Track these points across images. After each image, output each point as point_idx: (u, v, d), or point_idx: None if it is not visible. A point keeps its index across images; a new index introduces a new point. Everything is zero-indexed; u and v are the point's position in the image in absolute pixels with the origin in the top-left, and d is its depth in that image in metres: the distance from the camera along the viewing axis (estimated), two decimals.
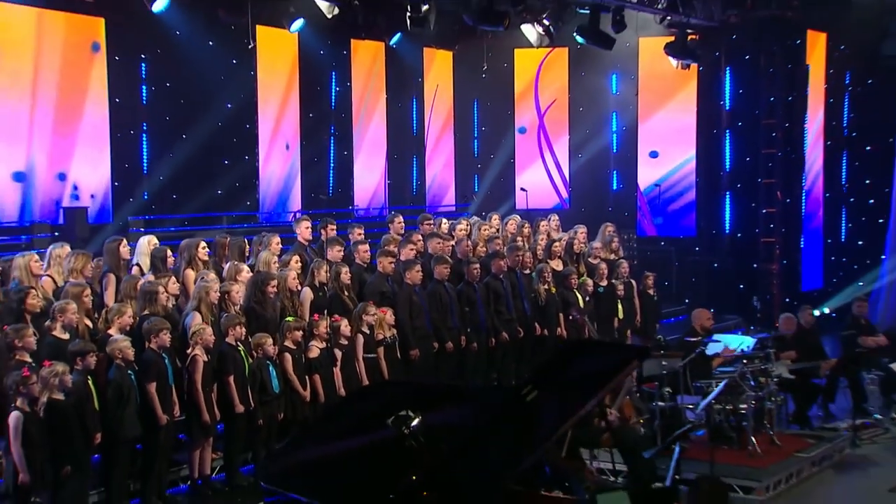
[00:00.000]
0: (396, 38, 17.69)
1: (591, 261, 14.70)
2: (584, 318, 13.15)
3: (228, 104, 17.01)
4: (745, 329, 16.31)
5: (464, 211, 19.71)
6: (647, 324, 14.78)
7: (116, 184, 15.98)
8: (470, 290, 12.75)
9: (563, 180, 21.73)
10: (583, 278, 14.18)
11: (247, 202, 17.46)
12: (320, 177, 19.11)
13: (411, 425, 6.52)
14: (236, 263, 11.07)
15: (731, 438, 11.29)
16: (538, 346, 13.39)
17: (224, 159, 17.21)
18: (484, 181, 21.77)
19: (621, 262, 14.87)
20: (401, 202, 19.91)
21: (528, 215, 16.54)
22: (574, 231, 15.08)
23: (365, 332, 11.14)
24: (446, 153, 21.62)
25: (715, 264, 20.32)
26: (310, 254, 12.24)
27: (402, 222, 13.82)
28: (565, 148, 21.67)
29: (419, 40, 19.10)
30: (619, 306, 14.35)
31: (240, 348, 9.93)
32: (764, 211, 19.78)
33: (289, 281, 11.04)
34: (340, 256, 12.06)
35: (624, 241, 18.81)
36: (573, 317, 13.17)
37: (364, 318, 11.15)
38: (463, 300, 12.64)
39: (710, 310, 13.20)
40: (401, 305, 11.83)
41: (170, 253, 10.93)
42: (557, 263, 14.22)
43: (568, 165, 21.66)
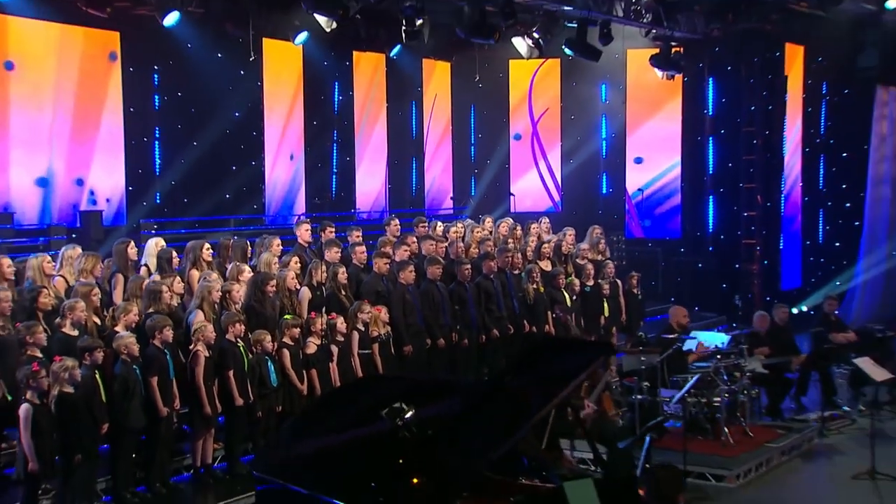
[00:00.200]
0: (396, 49, 17.75)
1: (578, 261, 14.70)
2: (566, 315, 13.22)
3: (236, 112, 17.10)
4: (728, 326, 16.44)
5: (461, 213, 19.76)
6: (631, 321, 14.79)
7: (130, 188, 16.07)
8: (461, 289, 12.80)
9: (555, 185, 21.77)
10: (570, 278, 14.22)
11: (253, 205, 17.49)
12: (324, 181, 19.14)
13: (405, 417, 6.61)
14: (238, 264, 11.13)
15: (706, 429, 11.41)
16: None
17: (232, 165, 17.25)
18: (480, 185, 21.83)
19: (607, 262, 14.90)
20: (401, 205, 19.96)
21: (520, 218, 16.60)
22: (563, 233, 15.13)
23: (360, 329, 11.20)
24: (444, 159, 21.64)
25: (699, 265, 20.32)
26: (309, 255, 12.26)
27: (398, 225, 13.87)
28: (557, 154, 21.69)
29: (418, 52, 19.13)
30: (604, 305, 14.35)
31: (239, 344, 10.00)
32: (745, 214, 19.78)
33: (288, 280, 11.07)
34: (338, 257, 12.12)
35: (613, 242, 18.93)
36: (557, 314, 13.24)
37: (359, 315, 11.21)
38: (454, 299, 12.68)
39: (694, 308, 13.30)
40: (395, 304, 11.88)
41: (175, 254, 11.02)
42: (546, 264, 14.27)
43: (560, 170, 21.69)
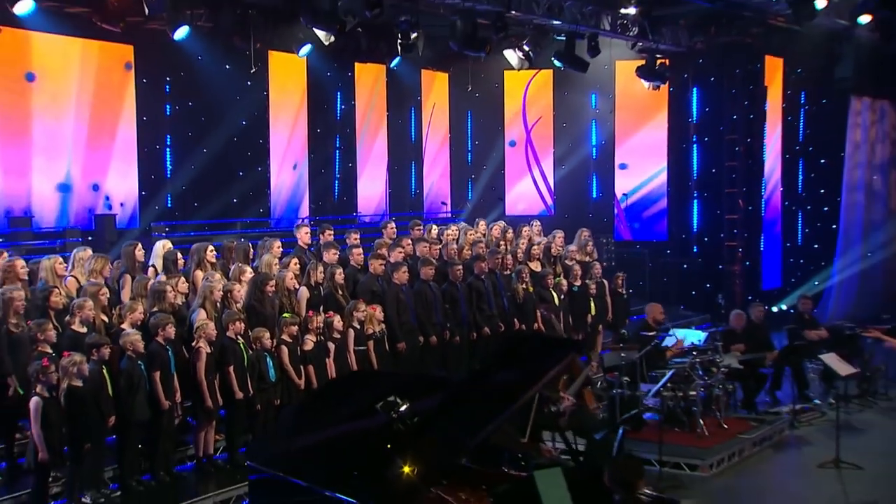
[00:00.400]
0: (396, 61, 17.80)
1: (567, 262, 14.76)
2: (550, 314, 13.31)
3: (243, 121, 17.24)
4: (711, 324, 16.49)
5: (458, 217, 19.83)
6: (617, 319, 14.87)
7: (143, 192, 16.21)
8: (453, 289, 12.84)
9: (548, 189, 21.84)
10: (558, 278, 14.29)
11: (259, 209, 17.60)
12: (327, 186, 19.24)
13: (399, 410, 6.70)
14: (240, 265, 11.20)
15: (683, 422, 11.49)
16: None
17: (239, 170, 17.37)
18: (476, 190, 21.91)
19: (594, 263, 14.96)
20: (400, 209, 20.02)
21: (514, 221, 16.66)
22: (552, 236, 15.20)
23: (356, 327, 11.26)
24: (442, 164, 21.73)
25: (684, 265, 20.36)
26: (308, 256, 12.32)
27: (394, 228, 13.92)
28: (550, 160, 21.77)
29: (417, 63, 19.19)
30: (591, 304, 14.42)
31: (239, 341, 10.06)
32: (728, 217, 19.82)
33: (287, 281, 11.13)
34: (335, 259, 12.21)
35: (602, 244, 18.99)
36: (542, 313, 13.32)
37: (355, 314, 11.27)
38: (447, 298, 12.72)
39: (680, 307, 13.33)
40: (389, 303, 11.93)
41: (180, 255, 11.11)
42: (536, 265, 14.34)
43: (553, 176, 21.77)
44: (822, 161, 20.76)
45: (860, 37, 18.23)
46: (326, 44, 15.59)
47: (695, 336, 12.84)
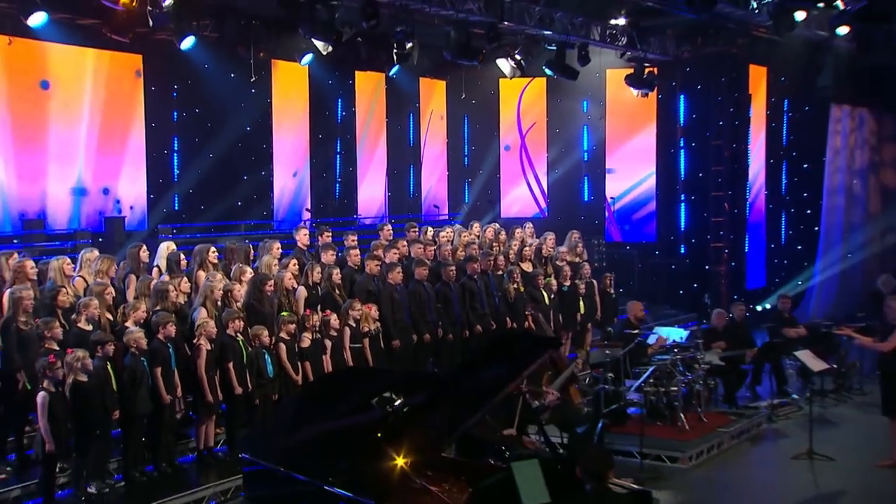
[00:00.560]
0: (395, 69, 17.86)
1: (557, 263, 14.80)
2: (537, 313, 13.38)
3: (247, 127, 17.27)
4: (698, 323, 16.55)
5: (455, 219, 19.90)
6: (605, 318, 14.96)
7: (151, 196, 16.27)
8: (446, 288, 12.90)
9: (542, 192, 21.90)
10: (549, 278, 14.36)
11: (263, 212, 17.61)
12: (328, 189, 19.27)
13: (394, 405, 6.79)
14: (241, 266, 11.27)
15: (665, 416, 11.57)
16: None
17: (243, 174, 17.43)
18: (473, 193, 21.97)
19: (584, 264, 15.03)
20: (399, 211, 20.05)
21: (508, 223, 16.74)
22: (544, 237, 15.25)
23: (351, 325, 11.32)
24: (440, 168, 21.77)
25: (672, 266, 20.42)
26: (307, 257, 12.40)
27: (390, 230, 14.01)
28: (544, 164, 21.82)
29: (415, 71, 19.24)
30: (580, 303, 14.51)
31: (239, 339, 10.13)
32: (714, 219, 19.84)
33: (285, 280, 11.19)
34: (333, 259, 12.28)
35: (593, 245, 19.06)
36: (529, 312, 13.40)
37: (351, 312, 11.34)
38: (440, 298, 12.78)
39: (667, 306, 13.37)
40: (384, 302, 11.99)
41: (183, 256, 11.19)
42: (528, 265, 14.41)
43: (546, 179, 21.83)
44: (805, 166, 20.84)
45: (839, 47, 18.31)
46: (325, 53, 15.67)
47: (676, 333, 12.90)
